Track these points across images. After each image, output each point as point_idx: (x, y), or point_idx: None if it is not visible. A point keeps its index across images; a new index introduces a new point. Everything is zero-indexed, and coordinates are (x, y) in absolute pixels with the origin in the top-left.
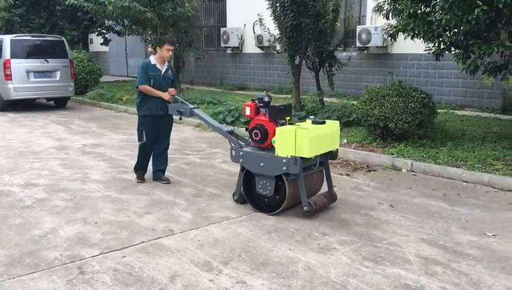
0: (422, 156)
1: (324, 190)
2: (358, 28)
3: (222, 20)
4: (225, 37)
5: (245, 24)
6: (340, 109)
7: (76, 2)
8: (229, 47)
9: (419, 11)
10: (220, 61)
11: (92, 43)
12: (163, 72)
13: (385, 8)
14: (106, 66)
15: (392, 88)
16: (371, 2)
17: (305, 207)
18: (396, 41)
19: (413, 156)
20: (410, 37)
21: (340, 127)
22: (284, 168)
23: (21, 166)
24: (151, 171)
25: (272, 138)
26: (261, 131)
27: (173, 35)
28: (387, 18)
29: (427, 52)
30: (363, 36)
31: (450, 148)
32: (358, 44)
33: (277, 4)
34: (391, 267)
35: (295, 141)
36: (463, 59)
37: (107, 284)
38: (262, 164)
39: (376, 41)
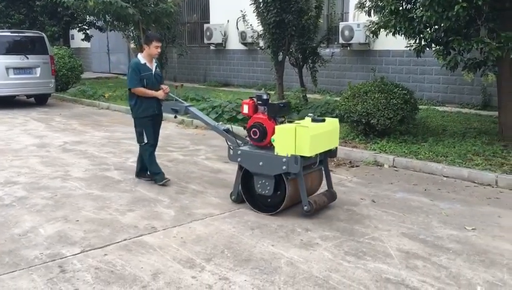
0: (404, 152)
1: (323, 189)
2: (341, 25)
3: (205, 16)
4: (208, 34)
5: (228, 20)
6: (323, 105)
7: None
8: (213, 43)
9: (400, 8)
10: (203, 57)
11: (73, 39)
12: (154, 71)
13: (367, 5)
14: (88, 63)
15: (374, 84)
16: None
17: (305, 207)
18: (378, 38)
19: (395, 152)
20: (391, 34)
21: None
22: (284, 167)
23: (0, 164)
24: (135, 167)
25: (271, 137)
26: (260, 129)
27: (156, 31)
28: (369, 15)
29: (409, 48)
30: (346, 33)
31: (431, 143)
32: (341, 41)
33: (260, 0)
34: (373, 261)
35: (295, 140)
36: (443, 55)
37: (89, 282)
38: (261, 163)
39: (359, 38)
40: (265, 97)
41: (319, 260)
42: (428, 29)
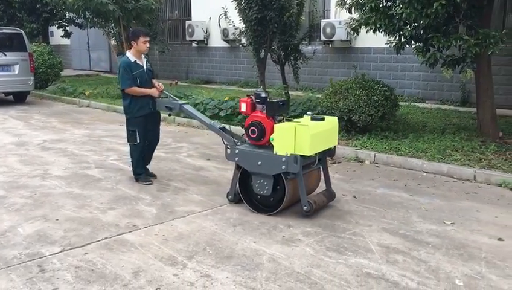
0: (384, 148)
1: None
2: (322, 22)
3: (187, 13)
4: (190, 30)
5: (210, 17)
6: (305, 102)
7: None
8: (194, 40)
9: (380, 5)
10: (185, 54)
11: (53, 36)
12: (145, 67)
13: (348, 2)
14: (68, 60)
15: (356, 81)
16: None
17: (305, 207)
18: (359, 35)
19: (376, 148)
20: (372, 31)
21: None
22: (284, 166)
23: None
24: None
25: (270, 135)
26: (258, 128)
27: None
28: (350, 12)
29: (389, 46)
30: (328, 30)
31: (412, 140)
32: (322, 38)
33: None
34: (354, 256)
35: (295, 139)
36: (423, 52)
37: (69, 281)
38: (259, 163)
39: (340, 35)
40: (263, 95)
41: (301, 256)
42: (408, 26)
